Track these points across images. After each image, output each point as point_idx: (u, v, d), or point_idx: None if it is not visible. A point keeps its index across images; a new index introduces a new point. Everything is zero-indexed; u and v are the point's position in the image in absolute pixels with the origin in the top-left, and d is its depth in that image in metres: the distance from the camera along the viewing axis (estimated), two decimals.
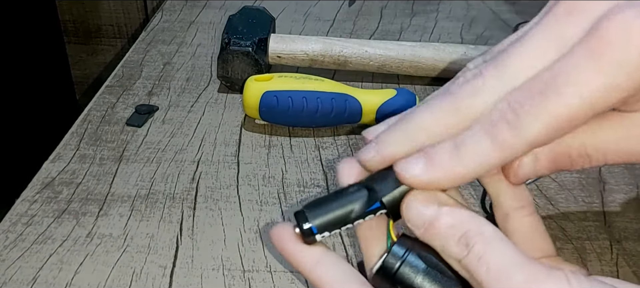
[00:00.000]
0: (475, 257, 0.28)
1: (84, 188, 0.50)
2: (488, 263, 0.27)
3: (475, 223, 0.29)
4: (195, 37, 0.78)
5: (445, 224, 0.29)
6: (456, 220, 0.29)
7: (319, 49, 0.66)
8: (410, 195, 0.30)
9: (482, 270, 0.27)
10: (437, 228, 0.29)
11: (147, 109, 0.61)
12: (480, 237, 0.28)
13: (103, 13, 1.65)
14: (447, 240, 0.29)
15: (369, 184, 0.32)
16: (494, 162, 0.28)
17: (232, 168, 0.53)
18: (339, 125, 0.59)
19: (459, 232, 0.29)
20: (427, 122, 0.30)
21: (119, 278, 0.42)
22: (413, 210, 0.30)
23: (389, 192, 0.31)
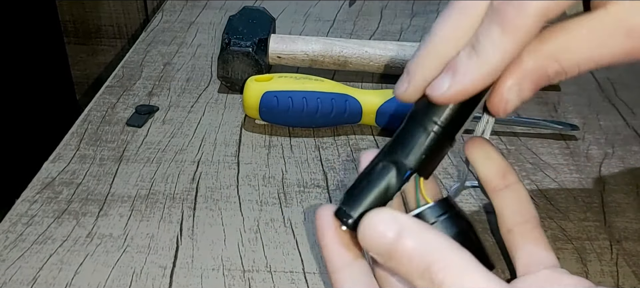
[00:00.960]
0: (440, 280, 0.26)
1: (84, 188, 0.50)
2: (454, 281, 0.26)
3: (439, 252, 0.27)
4: (196, 38, 0.78)
5: (407, 254, 0.27)
6: (419, 249, 0.27)
7: (319, 50, 0.66)
8: (370, 214, 0.29)
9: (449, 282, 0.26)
10: (400, 256, 0.27)
11: (147, 109, 0.61)
12: (447, 272, 0.26)
13: (103, 13, 1.65)
14: (409, 273, 0.27)
15: (391, 157, 0.32)
16: (508, 47, 0.28)
17: (232, 169, 0.53)
18: (339, 125, 0.59)
19: (422, 264, 0.27)
20: (442, 31, 0.30)
21: (119, 278, 0.42)
22: (370, 231, 0.28)
23: (412, 156, 0.31)
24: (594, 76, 0.70)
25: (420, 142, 0.32)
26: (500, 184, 0.36)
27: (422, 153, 0.32)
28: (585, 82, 0.69)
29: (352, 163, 0.54)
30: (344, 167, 0.54)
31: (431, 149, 0.32)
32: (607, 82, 0.69)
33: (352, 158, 0.55)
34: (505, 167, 0.37)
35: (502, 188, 0.36)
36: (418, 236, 0.28)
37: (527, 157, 0.56)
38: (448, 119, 0.32)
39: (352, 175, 0.53)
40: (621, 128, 0.61)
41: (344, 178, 0.52)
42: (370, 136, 0.58)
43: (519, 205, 0.36)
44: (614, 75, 0.71)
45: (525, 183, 0.52)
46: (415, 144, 0.32)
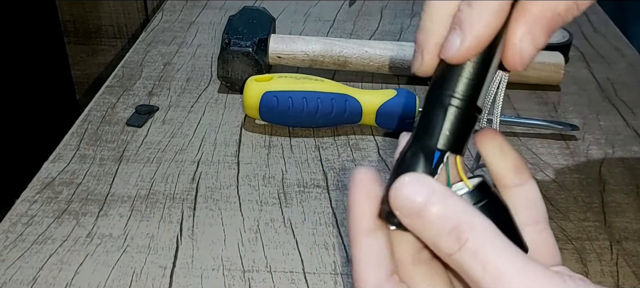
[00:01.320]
0: (468, 253, 0.26)
1: (84, 188, 0.50)
2: (484, 262, 0.26)
3: (468, 214, 0.27)
4: (196, 38, 0.78)
5: (435, 214, 0.27)
6: (447, 210, 0.28)
7: (319, 50, 0.66)
8: (398, 182, 0.29)
9: (477, 269, 0.26)
10: (428, 217, 0.28)
11: (147, 109, 0.61)
12: (473, 232, 0.27)
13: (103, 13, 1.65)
14: (437, 233, 0.27)
15: (418, 142, 0.31)
16: None
17: (232, 169, 0.53)
18: (339, 125, 0.59)
19: (450, 224, 0.27)
20: None
21: (119, 278, 0.42)
22: (400, 197, 0.29)
23: (436, 135, 0.31)
24: (594, 76, 0.70)
25: (440, 119, 0.31)
26: (514, 181, 0.36)
27: (446, 130, 0.31)
28: (586, 82, 0.69)
29: (353, 163, 0.54)
30: (343, 167, 0.54)
31: (454, 123, 0.31)
32: (607, 82, 0.69)
33: (352, 158, 0.55)
34: (519, 163, 0.36)
35: (515, 186, 0.36)
36: (446, 199, 0.28)
37: (527, 157, 0.56)
38: (463, 87, 0.31)
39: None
40: (621, 128, 0.61)
41: (343, 178, 0.52)
42: (370, 136, 0.58)
43: (531, 204, 0.36)
44: (614, 75, 0.71)
45: None
46: (436, 123, 0.31)
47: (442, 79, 0.31)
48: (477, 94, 0.32)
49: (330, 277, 0.42)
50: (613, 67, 0.73)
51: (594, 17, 0.85)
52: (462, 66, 0.31)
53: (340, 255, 0.44)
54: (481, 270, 0.26)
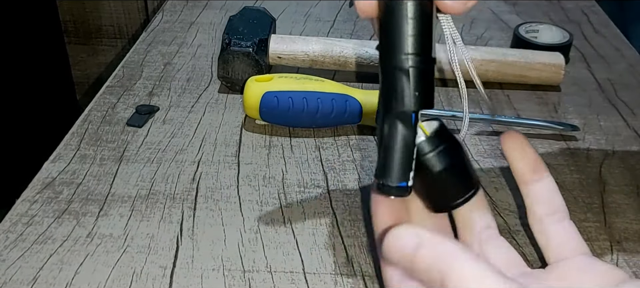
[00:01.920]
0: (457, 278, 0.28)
1: (84, 188, 0.50)
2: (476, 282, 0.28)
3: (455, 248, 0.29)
4: (196, 38, 0.78)
5: (427, 255, 0.29)
6: (437, 249, 0.29)
7: (320, 50, 0.66)
8: (389, 235, 0.31)
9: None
10: (416, 263, 0.30)
11: (147, 109, 0.61)
12: (462, 281, 0.28)
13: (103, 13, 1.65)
14: (426, 271, 0.29)
15: (391, 114, 0.32)
16: None
17: (233, 169, 0.53)
18: (340, 125, 0.59)
19: (439, 274, 0.29)
20: None
21: (119, 278, 0.42)
22: (392, 244, 0.31)
23: (407, 99, 0.32)
24: (594, 77, 0.70)
25: (406, 83, 0.32)
26: (532, 178, 0.37)
27: (415, 91, 0.32)
28: (586, 82, 0.69)
29: (353, 163, 0.55)
30: (344, 167, 0.54)
31: (420, 83, 0.32)
32: (608, 83, 0.69)
33: (352, 158, 0.55)
34: (537, 161, 0.38)
35: (533, 182, 0.38)
36: (434, 248, 0.30)
37: None
38: (416, 45, 0.32)
39: (353, 176, 0.53)
40: (621, 129, 0.61)
41: (344, 178, 0.52)
42: (370, 136, 0.58)
43: (548, 196, 0.38)
44: (614, 75, 0.71)
45: None
46: (403, 88, 0.32)
47: (392, 43, 0.32)
48: (429, 46, 0.32)
49: (331, 277, 0.42)
50: (613, 68, 0.73)
51: (595, 17, 0.85)
52: (406, 25, 0.31)
53: (341, 255, 0.44)
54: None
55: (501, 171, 0.54)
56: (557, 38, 0.72)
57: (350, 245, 0.45)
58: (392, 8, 0.32)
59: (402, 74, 0.32)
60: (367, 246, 0.45)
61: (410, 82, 0.31)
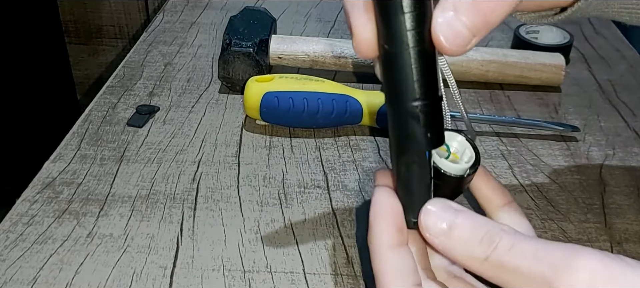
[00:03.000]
0: (505, 249, 0.29)
1: (84, 188, 0.50)
2: (522, 250, 0.29)
3: (493, 223, 0.31)
4: (197, 38, 0.78)
5: (465, 227, 0.31)
6: (475, 222, 0.31)
7: (320, 50, 0.66)
8: (423, 212, 0.32)
9: (516, 258, 0.29)
10: (459, 232, 0.31)
11: (148, 110, 0.61)
12: (504, 233, 0.30)
13: (104, 13, 1.65)
14: (469, 242, 0.30)
15: (407, 153, 0.33)
16: None
17: (233, 169, 0.53)
18: (340, 126, 0.59)
19: (481, 232, 0.30)
20: None
21: (120, 278, 0.42)
22: (431, 219, 0.32)
23: (420, 139, 0.32)
24: (594, 78, 0.70)
25: (417, 127, 0.32)
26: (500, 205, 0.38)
27: (426, 132, 0.32)
28: (586, 83, 0.69)
29: (353, 164, 0.54)
30: (344, 167, 0.54)
31: (431, 124, 0.32)
32: (608, 84, 0.69)
33: (352, 159, 0.55)
34: (503, 192, 0.39)
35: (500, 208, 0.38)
36: (472, 216, 0.31)
37: (528, 158, 0.56)
38: (423, 89, 0.32)
39: (353, 176, 0.53)
40: (622, 129, 0.61)
41: (344, 179, 0.52)
42: (370, 137, 0.58)
43: (498, 190, 0.38)
44: (614, 76, 0.71)
45: (526, 184, 0.52)
46: (415, 132, 0.32)
47: (398, 90, 0.32)
48: (435, 86, 0.32)
49: (331, 277, 0.42)
50: (614, 69, 0.73)
51: (595, 18, 0.85)
52: (410, 72, 0.32)
53: (341, 255, 0.44)
54: (520, 257, 0.29)
55: (501, 171, 0.54)
56: (557, 39, 0.72)
57: (351, 246, 0.45)
58: (394, 55, 0.32)
59: (413, 119, 0.32)
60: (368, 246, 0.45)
61: (421, 125, 0.32)
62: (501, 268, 0.29)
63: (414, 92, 0.32)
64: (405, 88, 0.32)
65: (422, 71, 0.31)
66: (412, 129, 0.32)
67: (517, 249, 0.29)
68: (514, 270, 0.29)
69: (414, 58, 0.31)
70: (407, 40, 0.31)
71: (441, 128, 0.33)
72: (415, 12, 0.30)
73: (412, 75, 0.32)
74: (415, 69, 0.32)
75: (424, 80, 0.32)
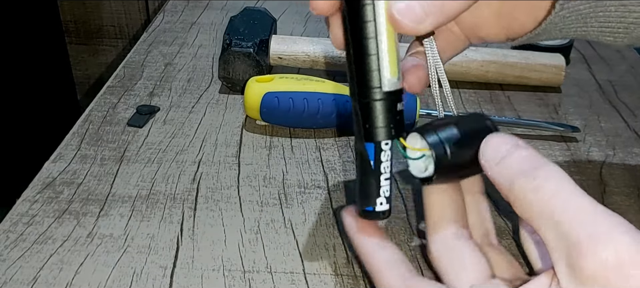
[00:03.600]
0: (550, 193, 0.29)
1: (84, 188, 0.50)
2: (565, 202, 0.29)
3: (549, 164, 0.31)
4: (197, 38, 0.78)
5: (520, 156, 0.31)
6: (530, 154, 0.31)
7: (321, 50, 0.66)
8: (486, 140, 0.33)
9: (557, 207, 0.29)
10: (512, 159, 0.31)
11: (148, 110, 0.61)
12: (554, 174, 0.30)
13: (104, 14, 1.65)
14: (519, 172, 0.31)
15: (356, 146, 0.35)
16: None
17: (233, 169, 0.53)
18: (340, 126, 0.59)
19: (533, 164, 0.30)
20: None
21: (120, 278, 0.42)
22: (490, 146, 0.33)
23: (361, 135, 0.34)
24: (595, 78, 0.70)
25: (355, 119, 0.34)
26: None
27: (364, 124, 0.34)
28: (586, 83, 0.69)
29: (353, 164, 0.54)
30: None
31: (367, 116, 0.33)
32: (608, 84, 0.69)
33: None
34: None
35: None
36: (527, 148, 0.32)
37: None
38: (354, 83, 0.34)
39: (353, 176, 0.53)
40: (622, 130, 0.61)
41: (344, 179, 0.52)
42: None
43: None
44: (615, 77, 0.71)
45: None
46: (356, 124, 0.34)
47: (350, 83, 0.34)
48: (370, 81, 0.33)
49: (331, 277, 0.42)
50: (614, 69, 0.73)
51: None
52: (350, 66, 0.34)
53: (341, 255, 0.44)
54: (562, 202, 0.29)
55: None
56: (558, 39, 0.72)
57: (351, 246, 0.45)
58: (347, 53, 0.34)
59: (353, 113, 0.34)
60: None
61: (359, 119, 0.34)
62: (540, 212, 0.29)
63: (352, 86, 0.34)
64: (350, 82, 0.34)
65: (358, 68, 0.33)
66: (354, 122, 0.34)
67: (561, 198, 0.29)
68: (552, 218, 0.29)
69: (354, 56, 0.33)
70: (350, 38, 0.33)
71: (383, 123, 0.33)
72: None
73: (351, 69, 0.34)
74: (354, 66, 0.33)
75: (355, 75, 0.33)
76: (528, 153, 0.31)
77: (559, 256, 0.29)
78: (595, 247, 0.27)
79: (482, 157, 0.33)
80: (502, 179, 0.31)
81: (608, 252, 0.27)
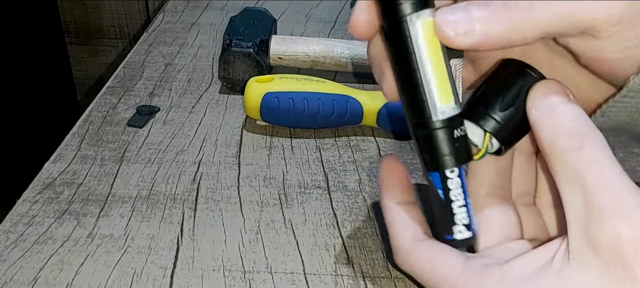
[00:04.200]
0: (589, 156, 0.29)
1: (85, 188, 0.50)
2: (603, 169, 0.29)
3: (595, 130, 0.30)
4: (197, 38, 0.78)
5: (566, 114, 0.30)
6: (577, 116, 0.30)
7: (321, 51, 0.66)
8: (542, 82, 0.32)
9: (591, 172, 0.29)
10: (558, 116, 0.31)
11: (148, 110, 0.61)
12: (596, 141, 0.29)
13: (104, 14, 1.65)
14: (562, 130, 0.30)
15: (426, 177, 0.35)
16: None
17: (233, 170, 0.53)
18: (340, 126, 0.59)
19: (577, 127, 0.30)
20: None
21: (120, 279, 0.42)
22: (541, 92, 0.32)
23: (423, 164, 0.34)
24: None
25: (418, 149, 0.34)
26: None
27: (423, 155, 0.33)
28: None
29: (353, 164, 0.54)
30: (345, 168, 0.54)
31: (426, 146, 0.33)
32: None
33: (353, 159, 0.55)
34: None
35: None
36: (578, 108, 0.31)
37: None
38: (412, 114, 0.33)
39: (353, 176, 0.53)
40: None
41: (345, 179, 0.52)
42: (371, 137, 0.58)
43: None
44: None
45: None
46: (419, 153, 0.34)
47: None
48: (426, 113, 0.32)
49: (331, 278, 0.42)
50: None
51: None
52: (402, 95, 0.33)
53: (341, 256, 0.44)
54: (597, 173, 0.29)
55: None
56: None
57: (351, 246, 0.45)
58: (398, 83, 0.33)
59: (414, 141, 0.34)
60: (368, 247, 0.45)
61: (418, 149, 0.33)
62: (574, 171, 0.29)
63: (413, 117, 0.32)
64: (405, 113, 0.33)
65: (406, 99, 0.32)
66: (416, 151, 0.34)
67: (597, 165, 0.29)
68: (581, 181, 0.29)
69: (400, 86, 0.32)
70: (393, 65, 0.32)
71: (442, 152, 0.32)
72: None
73: (402, 102, 0.33)
74: (403, 96, 0.32)
75: (409, 108, 0.32)
76: (576, 112, 0.31)
77: (576, 219, 0.29)
78: (616, 219, 0.27)
79: (530, 103, 0.32)
80: (546, 132, 0.31)
81: (626, 227, 0.27)
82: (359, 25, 0.32)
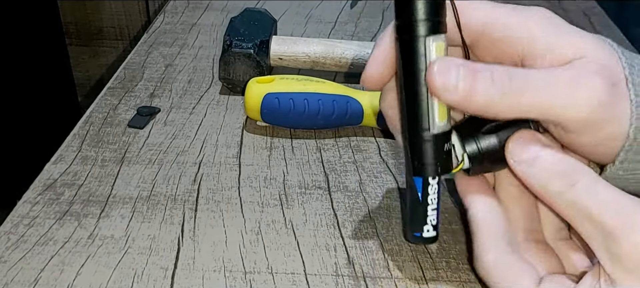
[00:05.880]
0: (582, 190, 0.31)
1: (85, 189, 0.50)
2: (598, 195, 0.30)
3: (577, 163, 0.32)
4: (197, 39, 0.78)
5: (549, 160, 0.32)
6: (560, 158, 0.32)
7: (321, 51, 0.66)
8: (516, 134, 0.34)
9: (590, 201, 0.30)
10: (541, 163, 0.32)
11: (148, 111, 0.61)
12: (585, 174, 0.31)
13: (105, 15, 1.65)
14: (550, 175, 0.32)
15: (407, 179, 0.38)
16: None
17: (234, 170, 0.53)
18: (341, 127, 0.59)
19: (563, 167, 0.32)
20: None
21: (121, 279, 0.42)
22: (518, 146, 0.34)
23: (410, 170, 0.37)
24: None
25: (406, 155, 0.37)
26: None
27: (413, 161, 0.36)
28: None
29: (354, 164, 0.54)
30: (345, 168, 0.54)
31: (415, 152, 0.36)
32: None
33: (353, 160, 0.55)
34: None
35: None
36: (558, 151, 0.33)
37: None
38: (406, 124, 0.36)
39: (354, 177, 0.53)
40: None
41: (345, 179, 0.52)
42: (371, 138, 0.58)
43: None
44: None
45: None
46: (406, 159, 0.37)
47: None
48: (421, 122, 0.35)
49: (332, 278, 0.42)
50: None
51: (596, 18, 0.85)
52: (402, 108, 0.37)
53: (342, 256, 0.44)
54: (596, 201, 0.30)
55: None
56: None
57: (352, 247, 0.45)
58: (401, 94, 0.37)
59: (404, 147, 0.37)
60: (369, 247, 0.45)
61: (408, 154, 0.37)
62: (574, 206, 0.31)
63: (404, 125, 0.36)
64: (402, 122, 0.37)
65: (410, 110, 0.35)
66: (404, 156, 0.37)
67: (593, 193, 0.30)
68: (586, 212, 0.30)
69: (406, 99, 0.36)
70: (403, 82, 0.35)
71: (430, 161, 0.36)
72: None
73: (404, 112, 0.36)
74: (407, 108, 0.36)
75: (410, 118, 0.36)
76: (557, 152, 0.32)
77: (598, 246, 0.30)
78: (629, 232, 0.29)
79: (511, 157, 0.34)
80: (536, 180, 0.32)
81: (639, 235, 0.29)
82: (371, 78, 0.38)
